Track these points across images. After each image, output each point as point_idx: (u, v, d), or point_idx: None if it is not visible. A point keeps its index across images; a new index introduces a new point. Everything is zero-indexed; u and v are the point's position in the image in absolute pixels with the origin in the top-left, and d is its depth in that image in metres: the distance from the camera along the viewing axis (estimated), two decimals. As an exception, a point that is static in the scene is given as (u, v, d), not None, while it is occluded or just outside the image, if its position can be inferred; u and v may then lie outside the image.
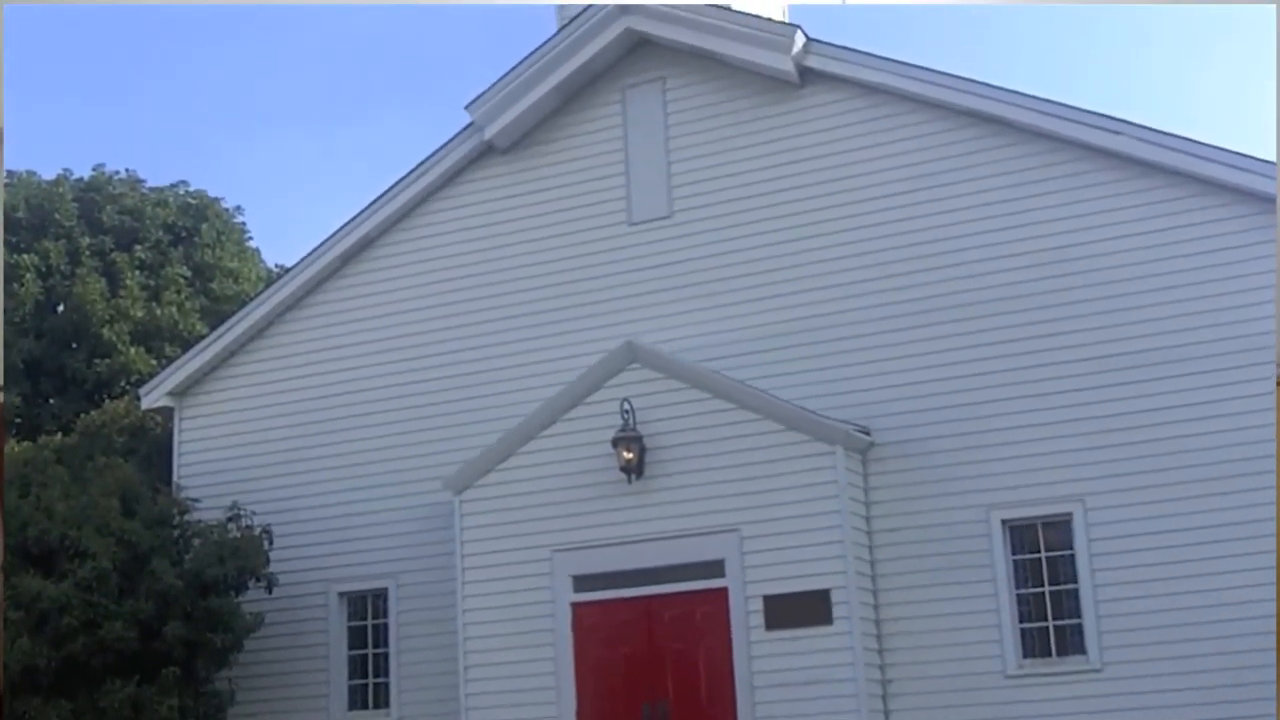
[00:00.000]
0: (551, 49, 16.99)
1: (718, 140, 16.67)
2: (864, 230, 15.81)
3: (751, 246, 16.25)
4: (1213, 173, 14.57)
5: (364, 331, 17.72)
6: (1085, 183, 15.16)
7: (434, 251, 17.62)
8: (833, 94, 16.28)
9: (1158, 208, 14.86)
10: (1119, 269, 14.83)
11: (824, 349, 15.66)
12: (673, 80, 16.96)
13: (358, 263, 17.92)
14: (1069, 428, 14.66)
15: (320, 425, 17.63)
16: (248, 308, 18.36)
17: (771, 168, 16.37)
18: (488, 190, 17.56)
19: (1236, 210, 14.53)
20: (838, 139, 16.20)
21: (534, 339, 16.89)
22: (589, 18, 16.85)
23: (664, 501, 15.11)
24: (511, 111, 17.15)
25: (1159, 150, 14.81)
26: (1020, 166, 15.42)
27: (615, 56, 17.09)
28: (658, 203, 16.75)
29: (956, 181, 15.60)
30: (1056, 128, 15.22)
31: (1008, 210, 15.36)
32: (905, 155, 15.85)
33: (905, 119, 15.93)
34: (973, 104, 15.57)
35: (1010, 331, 15.06)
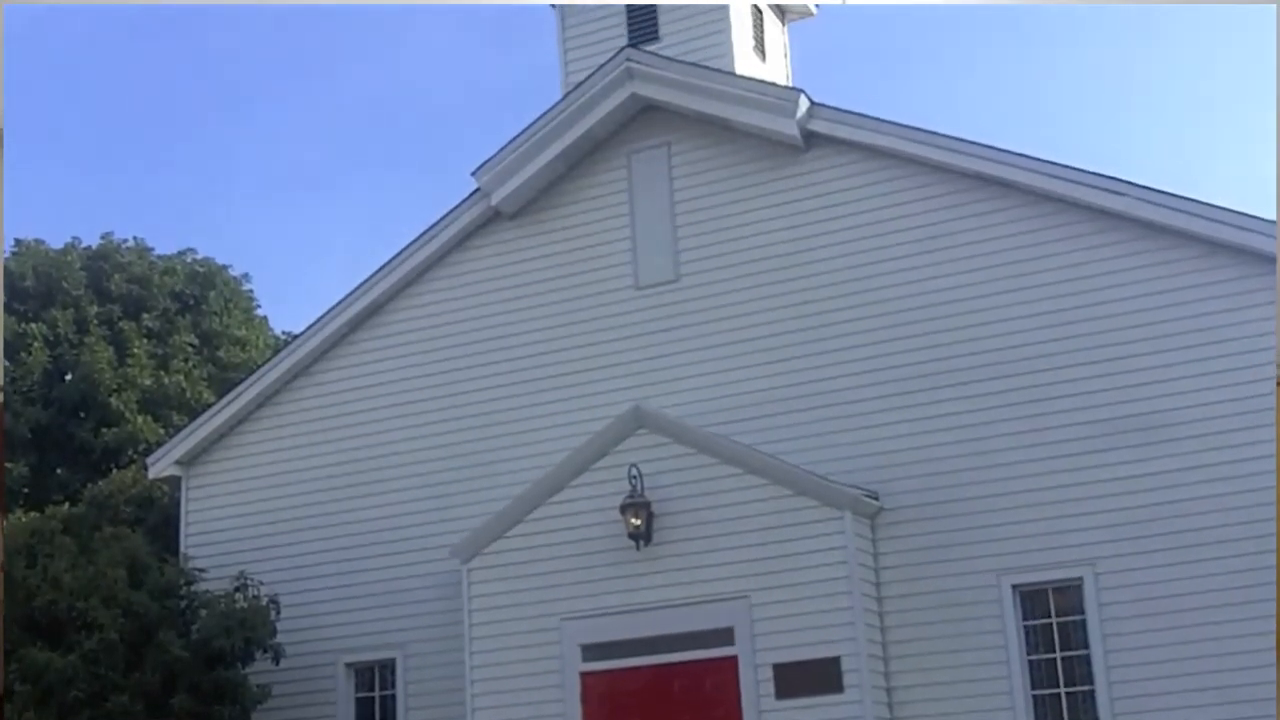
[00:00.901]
0: (557, 115, 17.07)
1: (724, 204, 16.71)
2: (870, 293, 15.81)
3: (758, 310, 16.24)
4: (1216, 232, 14.58)
5: (371, 398, 17.70)
6: (1090, 244, 15.16)
7: (441, 317, 17.63)
8: (837, 157, 16.33)
9: (1162, 268, 14.86)
10: (1125, 330, 14.80)
11: (831, 413, 15.62)
12: (678, 145, 17.02)
13: (365, 329, 17.93)
14: (1078, 491, 14.59)
15: (327, 493, 17.58)
16: (255, 376, 18.36)
17: (777, 231, 16.40)
18: (495, 255, 17.59)
19: (1241, 270, 14.52)
20: (843, 202, 16.23)
21: (541, 404, 16.87)
22: (594, 84, 16.93)
23: (673, 568, 15.02)
24: (518, 177, 17.20)
25: (1162, 211, 14.82)
26: (1025, 229, 15.44)
27: (621, 122, 17.16)
28: (664, 267, 16.76)
29: (962, 244, 15.61)
30: (1060, 189, 15.24)
31: (1014, 272, 15.35)
32: (910, 218, 15.87)
33: (909, 182, 15.97)
34: (976, 166, 15.61)
35: (1017, 394, 15.02)
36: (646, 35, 17.45)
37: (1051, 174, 15.30)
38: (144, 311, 27.38)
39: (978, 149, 15.63)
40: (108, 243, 28.50)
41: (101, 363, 25.60)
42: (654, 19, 17.50)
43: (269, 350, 27.77)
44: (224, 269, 29.44)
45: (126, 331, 26.73)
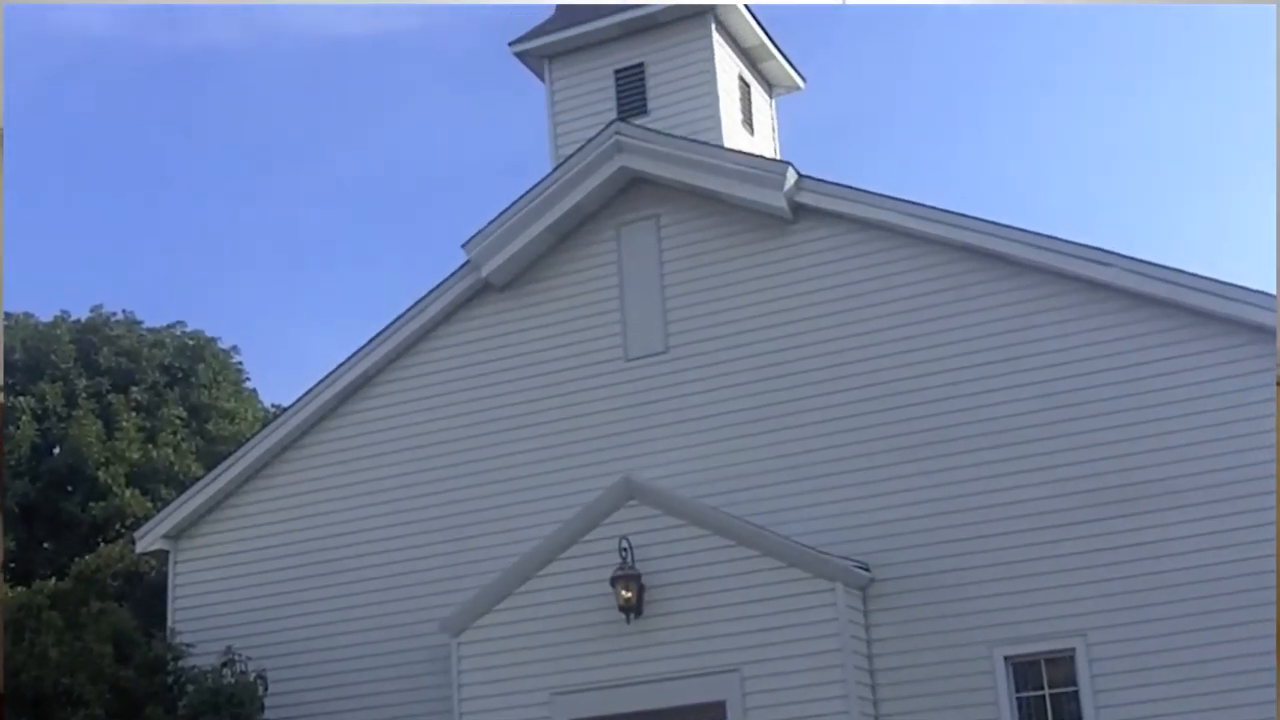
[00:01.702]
0: (547, 187, 17.16)
1: (713, 276, 16.77)
2: (859, 364, 15.84)
3: (748, 381, 16.26)
4: (1204, 303, 14.65)
5: (360, 471, 17.66)
6: (1079, 314, 15.22)
7: (431, 389, 17.62)
8: (825, 229, 16.41)
9: (1150, 339, 14.92)
10: (1115, 400, 14.83)
11: (822, 484, 15.61)
12: (667, 217, 17.10)
13: (355, 401, 17.91)
14: (1070, 561, 14.56)
15: (316, 567, 17.48)
16: (243, 449, 18.31)
17: (766, 302, 16.44)
18: (485, 327, 17.61)
19: (1230, 340, 14.58)
20: (831, 273, 16.29)
21: (531, 476, 16.83)
22: (584, 157, 17.04)
23: (664, 642, 14.93)
24: (507, 250, 17.26)
25: (1150, 281, 14.90)
26: (1013, 299, 15.50)
27: (610, 195, 17.25)
28: (654, 338, 16.80)
29: (951, 315, 15.66)
30: (1048, 260, 15.32)
31: (1003, 342, 15.40)
32: (898, 289, 15.93)
33: (897, 253, 16.04)
34: (964, 238, 15.69)
35: (1007, 465, 15.02)
36: (635, 109, 17.58)
37: (1039, 245, 15.38)
38: (133, 384, 27.33)
39: (965, 220, 15.72)
40: (97, 315, 28.49)
41: (90, 436, 25.51)
42: (642, 92, 17.64)
43: (258, 423, 27.70)
44: (213, 341, 29.42)
45: (115, 405, 26.67)
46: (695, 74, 17.47)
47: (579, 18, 17.97)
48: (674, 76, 17.57)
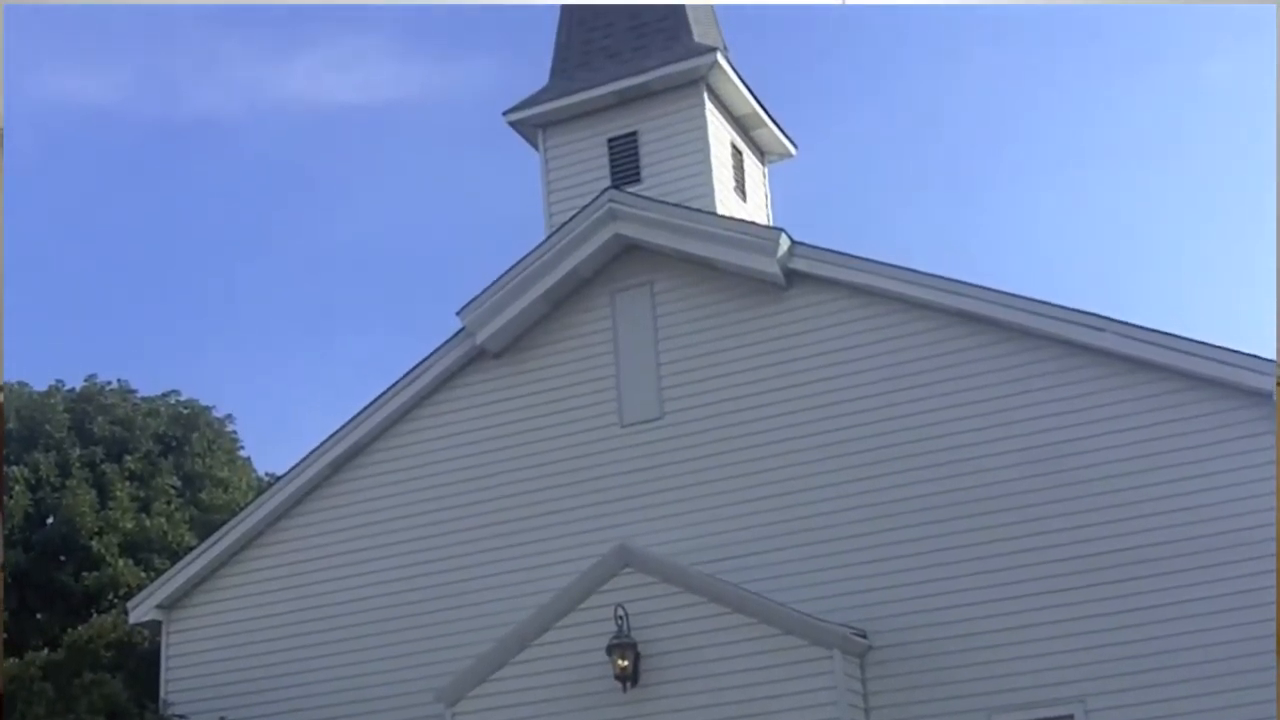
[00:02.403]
0: (541, 255, 17.21)
1: (707, 342, 16.79)
2: (855, 430, 15.84)
3: (743, 447, 16.24)
4: (1199, 368, 14.67)
5: (355, 540, 17.59)
6: (1072, 379, 15.24)
7: (426, 457, 17.59)
8: (819, 295, 16.45)
9: (1145, 403, 14.93)
10: (1111, 464, 14.82)
11: (818, 550, 15.56)
12: (661, 284, 17.15)
13: (349, 469, 17.87)
14: (1068, 627, 14.50)
15: (310, 637, 17.38)
16: (237, 518, 18.25)
17: (761, 368, 16.46)
18: (480, 394, 17.61)
19: (1224, 404, 14.60)
20: (826, 339, 16.32)
21: (526, 543, 16.77)
22: (578, 224, 17.10)
23: (661, 710, 14.81)
24: (502, 317, 17.28)
25: (1143, 346, 14.93)
26: (1007, 365, 15.52)
27: (604, 262, 17.31)
28: (649, 405, 16.79)
29: (945, 380, 15.68)
30: (1041, 325, 15.36)
31: (998, 408, 15.41)
32: (893, 355, 15.96)
33: (891, 319, 16.08)
34: (957, 303, 15.73)
35: (1004, 530, 14.99)
36: (629, 176, 17.67)
37: (1032, 310, 15.42)
38: (126, 454, 27.29)
39: (958, 286, 15.77)
40: (91, 385, 28.51)
41: (83, 506, 25.46)
42: (636, 160, 17.74)
43: (252, 492, 27.65)
44: (207, 410, 29.43)
45: (109, 474, 26.62)
46: (688, 142, 17.58)
47: (572, 87, 18.11)
48: (667, 144, 17.67)
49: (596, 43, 18.59)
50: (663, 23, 18.32)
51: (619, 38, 18.48)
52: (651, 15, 18.45)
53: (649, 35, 18.31)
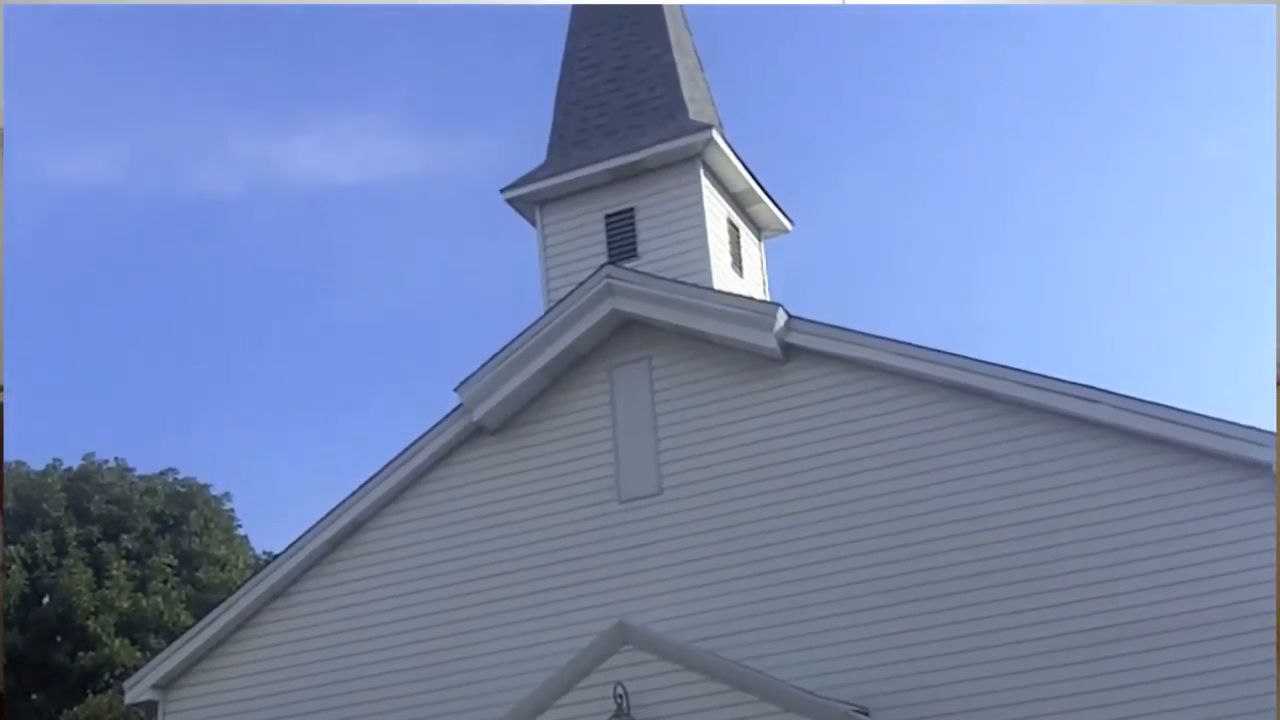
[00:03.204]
0: (538, 330, 17.24)
1: (705, 417, 16.78)
2: (853, 504, 15.80)
3: (742, 522, 16.19)
4: (1196, 439, 14.65)
5: (352, 617, 17.49)
6: (1070, 452, 15.22)
7: (423, 534, 17.52)
8: (816, 369, 16.46)
9: (1142, 475, 14.89)
10: (1111, 538, 14.77)
11: (818, 626, 15.47)
12: (659, 359, 17.17)
13: (347, 547, 17.80)
14: (1070, 702, 14.36)
15: (308, 716, 17.24)
16: (234, 597, 18.15)
17: (759, 443, 16.43)
18: (478, 470, 17.57)
19: (1223, 475, 14.56)
20: (823, 414, 16.31)
21: (525, 620, 16.67)
22: (575, 300, 17.14)
23: (660, 788, 14.67)
24: (499, 393, 17.28)
25: (1140, 418, 14.92)
26: (1006, 438, 15.51)
27: (601, 337, 17.33)
28: (647, 480, 16.75)
29: (944, 454, 15.66)
30: (1038, 398, 15.36)
31: (997, 481, 15.38)
32: (890, 429, 15.94)
33: (889, 393, 16.07)
34: (954, 377, 15.74)
35: (1005, 604, 14.91)
36: (626, 252, 17.74)
37: (1029, 383, 15.42)
38: (124, 532, 27.26)
39: (954, 360, 15.79)
40: (89, 463, 28.52)
41: (80, 585, 25.39)
42: (633, 236, 17.82)
43: (249, 570, 27.57)
44: (205, 488, 29.42)
45: (106, 553, 26.58)
46: (685, 218, 17.66)
47: (569, 164, 18.23)
48: (664, 220, 17.76)
49: (593, 120, 18.74)
50: (658, 100, 18.47)
51: (615, 115, 18.63)
52: (648, 93, 18.61)
53: (645, 113, 18.45)
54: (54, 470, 27.90)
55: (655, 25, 19.11)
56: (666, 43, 18.91)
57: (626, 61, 18.99)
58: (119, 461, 28.77)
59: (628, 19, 19.30)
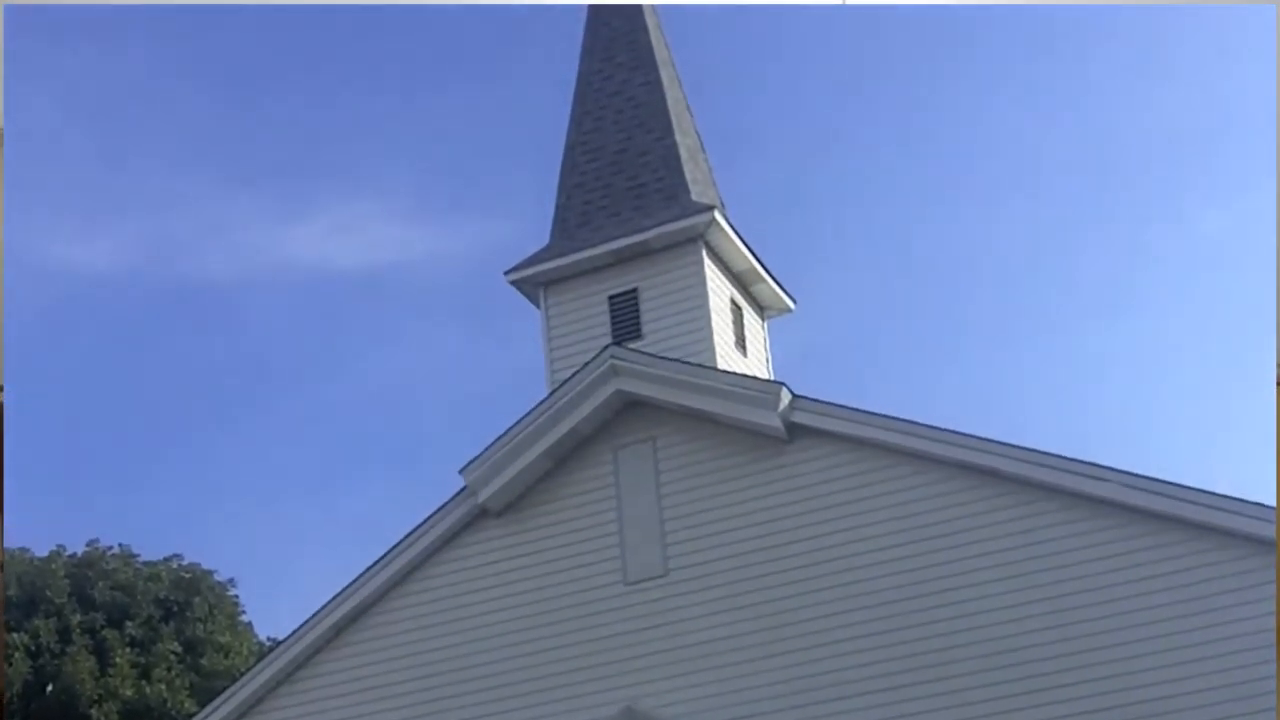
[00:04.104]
0: (543, 412, 17.24)
1: (710, 497, 16.73)
2: (859, 584, 15.70)
3: (748, 604, 16.09)
4: (1202, 516, 14.59)
5: (358, 704, 17.34)
6: (1076, 530, 15.15)
7: (427, 619, 17.42)
8: (821, 449, 16.44)
9: (1148, 554, 14.81)
10: (1118, 616, 14.66)
11: (826, 708, 15.32)
12: (663, 439, 17.15)
13: (352, 632, 17.70)
14: (1081, 782, 14.24)
15: (311, 804, 17.08)
16: (238, 684, 18.02)
17: (764, 523, 16.37)
18: (482, 554, 17.50)
19: (1231, 553, 14.48)
20: (828, 493, 16.26)
21: (531, 705, 16.53)
22: (579, 381, 17.16)
23: None
24: (504, 475, 17.25)
25: (1146, 496, 14.87)
26: (1011, 516, 15.45)
27: (606, 418, 17.33)
28: (653, 562, 16.68)
29: (949, 533, 15.59)
30: (1044, 476, 15.32)
31: (1002, 560, 15.30)
32: (896, 508, 15.89)
33: (894, 471, 16.04)
34: (959, 455, 15.71)
35: (1012, 685, 14.76)
36: (630, 332, 17.78)
37: (1034, 461, 15.39)
38: (127, 619, 27.12)
39: (959, 438, 15.76)
40: (93, 550, 28.44)
41: (83, 673, 25.24)
42: (636, 317, 17.87)
43: (253, 657, 27.39)
44: (209, 574, 29.33)
45: (109, 640, 26.44)
46: (688, 298, 17.73)
47: (572, 246, 18.32)
48: (667, 301, 17.82)
49: (596, 202, 18.86)
50: (661, 182, 18.61)
51: (618, 197, 18.75)
52: (650, 175, 18.75)
53: (647, 194, 18.57)
54: (58, 557, 27.82)
55: (657, 108, 19.29)
56: (668, 125, 19.08)
57: (629, 144, 19.15)
58: (123, 548, 28.72)
59: (630, 101, 19.49)
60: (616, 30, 20.16)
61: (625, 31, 20.10)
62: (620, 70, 19.83)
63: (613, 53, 20.02)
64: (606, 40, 20.16)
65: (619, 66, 19.87)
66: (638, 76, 19.67)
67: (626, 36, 20.06)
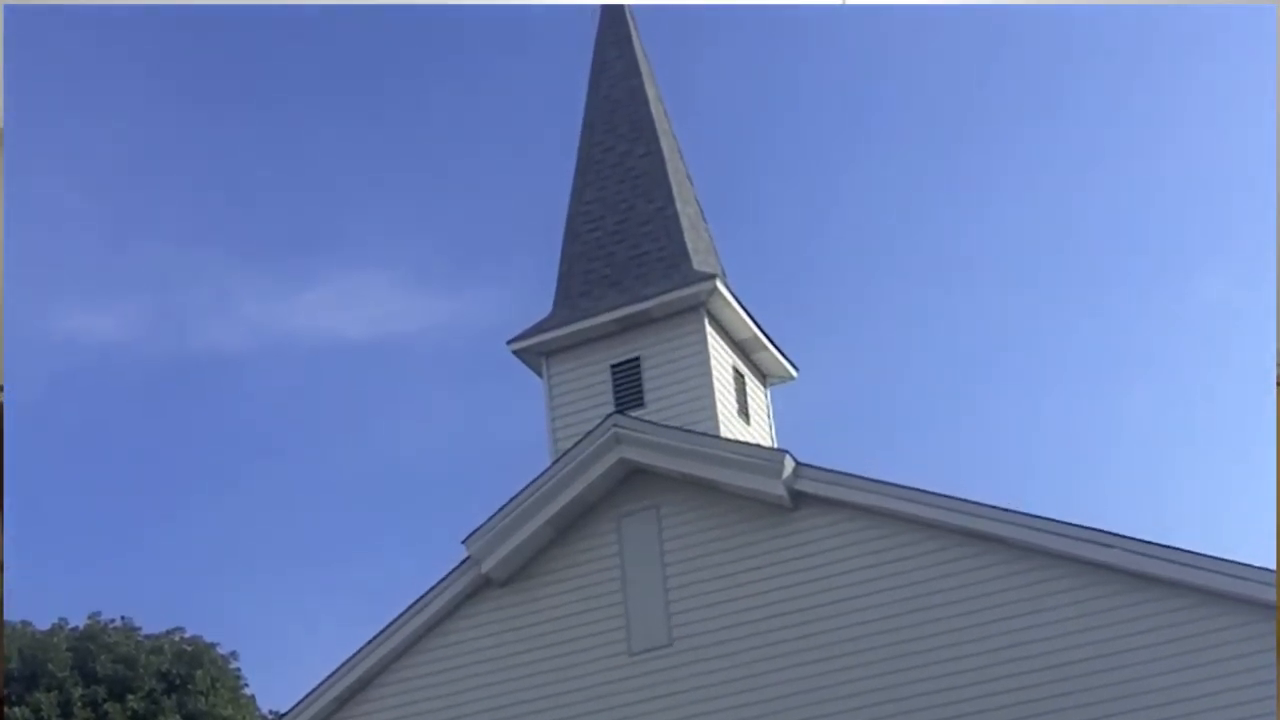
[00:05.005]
0: (546, 481, 17.22)
1: (715, 566, 16.68)
2: (865, 653, 15.62)
3: (755, 674, 16.00)
4: (1207, 581, 14.54)
5: (360, 776, 17.25)
6: (1082, 597, 15.10)
7: (431, 690, 17.34)
8: (825, 516, 16.40)
9: (1153, 620, 14.73)
10: (1125, 684, 14.57)
11: (832, 777, 15.23)
12: (667, 508, 17.12)
13: (354, 704, 17.60)
14: None
15: None
16: (241, 756, 17.93)
17: (769, 592, 16.32)
18: (486, 624, 17.43)
19: (1234, 619, 14.42)
20: (833, 561, 16.21)
21: (535, 777, 16.45)
22: (583, 449, 17.15)
23: None
24: (507, 545, 17.22)
25: (1151, 562, 14.82)
26: (1016, 584, 15.39)
27: (609, 487, 17.31)
28: (657, 632, 16.61)
29: (955, 601, 15.53)
30: (1048, 543, 15.28)
31: (1008, 628, 15.24)
32: (900, 575, 15.84)
33: (898, 539, 15.99)
34: (963, 522, 15.68)
35: (1021, 752, 14.69)
36: (632, 401, 17.80)
37: (1038, 528, 15.35)
38: (129, 692, 26.98)
39: (963, 505, 15.73)
40: (94, 623, 28.33)
41: (84, 747, 25.06)
42: (639, 385, 17.89)
43: (256, 730, 27.21)
44: (211, 647, 29.18)
45: (111, 714, 26.30)
46: (690, 366, 17.76)
47: (575, 315, 18.37)
48: (670, 369, 17.85)
49: (598, 271, 18.94)
50: (662, 251, 18.69)
51: (620, 266, 18.83)
52: (651, 244, 18.84)
53: (649, 263, 18.65)
54: (59, 630, 27.71)
55: (658, 177, 19.42)
56: (669, 194, 19.19)
57: (630, 213, 19.26)
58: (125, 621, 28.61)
59: (631, 171, 19.62)
60: (617, 101, 20.33)
61: (626, 102, 20.27)
62: (621, 140, 19.98)
63: (614, 123, 20.19)
64: (608, 111, 20.32)
65: (620, 137, 20.03)
66: (639, 147, 19.81)
67: (627, 107, 20.23)
